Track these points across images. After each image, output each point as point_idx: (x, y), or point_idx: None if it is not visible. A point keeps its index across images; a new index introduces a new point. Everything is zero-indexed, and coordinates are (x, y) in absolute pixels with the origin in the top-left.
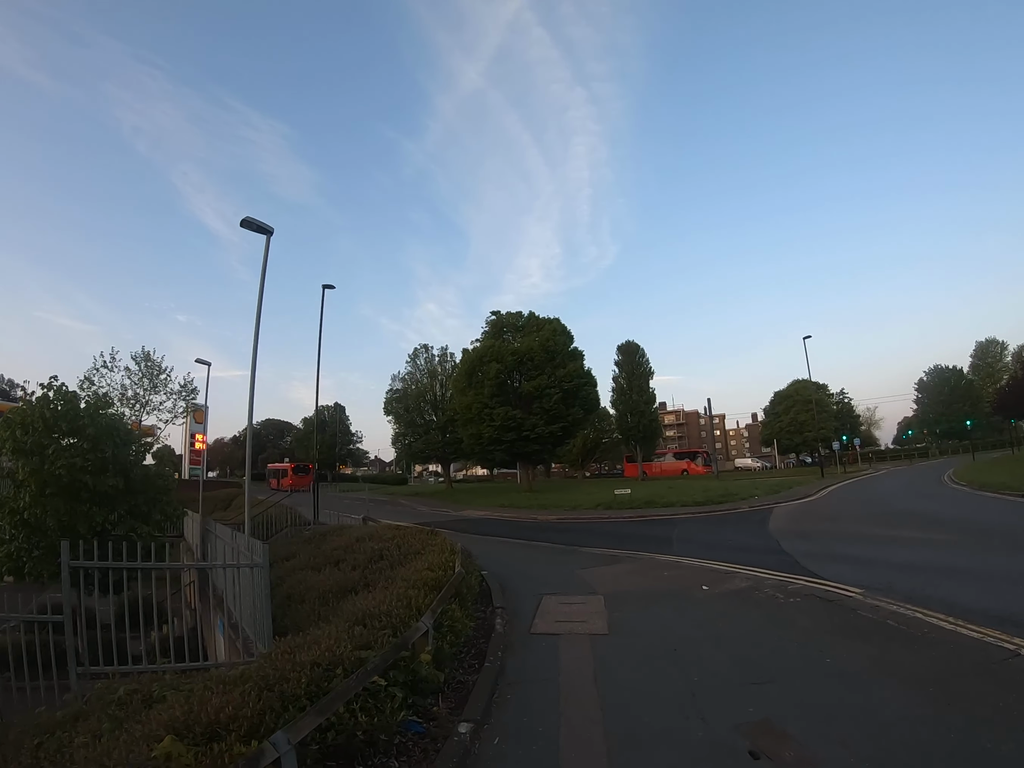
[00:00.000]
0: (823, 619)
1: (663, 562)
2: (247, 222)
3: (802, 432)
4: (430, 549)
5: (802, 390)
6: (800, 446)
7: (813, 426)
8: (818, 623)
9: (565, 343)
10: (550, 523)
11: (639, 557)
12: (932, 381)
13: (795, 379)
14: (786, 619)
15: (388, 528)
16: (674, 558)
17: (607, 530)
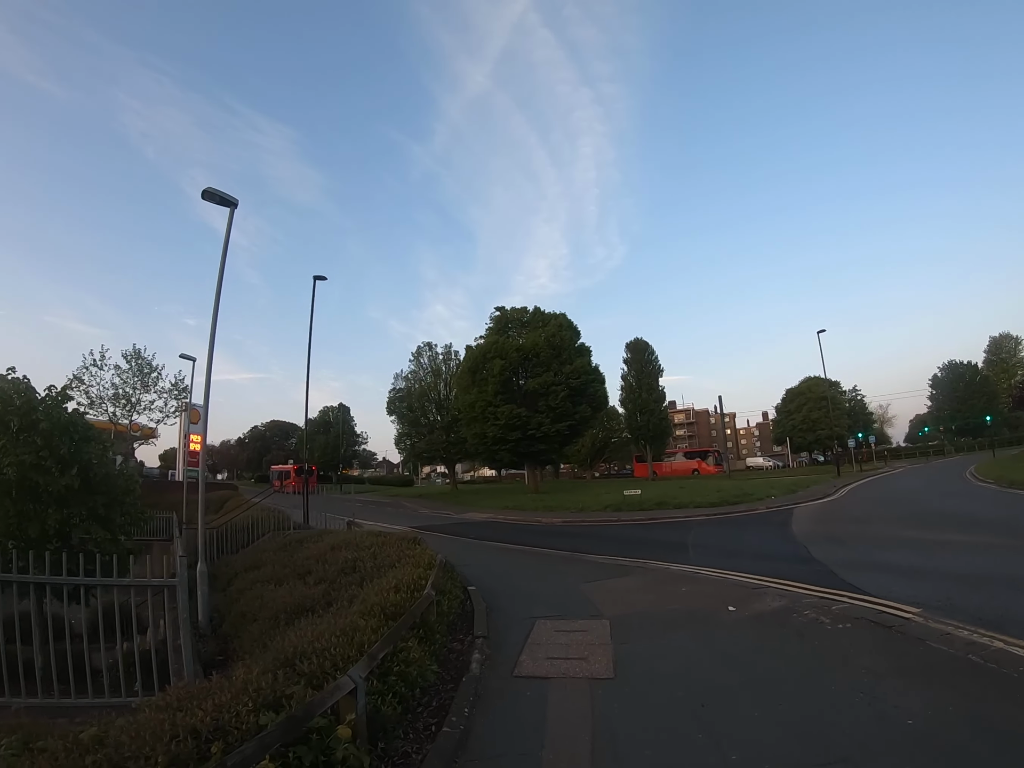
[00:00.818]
0: (886, 654)
1: (679, 574)
2: (209, 194)
3: (815, 430)
4: (406, 561)
5: (815, 387)
6: (813, 444)
7: (826, 424)
8: (881, 660)
9: (571, 338)
10: (555, 527)
11: (651, 567)
12: (947, 377)
13: (807, 376)
14: (839, 655)
15: (369, 535)
16: (691, 569)
17: (616, 535)
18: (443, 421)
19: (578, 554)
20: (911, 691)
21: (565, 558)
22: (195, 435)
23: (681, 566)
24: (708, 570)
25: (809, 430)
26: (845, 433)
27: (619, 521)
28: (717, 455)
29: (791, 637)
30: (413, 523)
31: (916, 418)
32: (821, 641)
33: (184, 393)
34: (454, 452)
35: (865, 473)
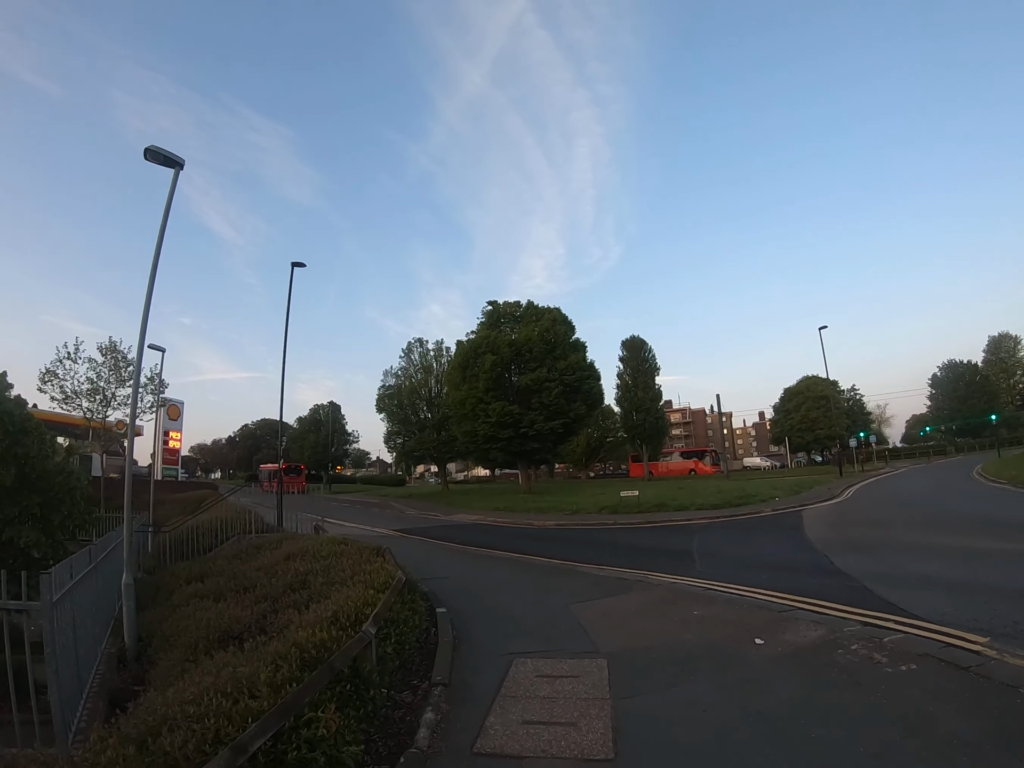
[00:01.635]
0: (978, 713)
1: (688, 591)
2: (152, 153)
3: (814, 430)
4: (359, 579)
5: (813, 386)
6: (811, 444)
7: (825, 423)
8: (976, 723)
9: (566, 333)
10: (547, 530)
11: (654, 582)
12: (946, 376)
13: (805, 375)
14: (917, 715)
15: (330, 543)
16: (701, 584)
17: (613, 540)
18: (434, 419)
19: (571, 564)
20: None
21: (556, 569)
22: (174, 431)
23: (689, 580)
24: (721, 586)
25: (808, 430)
26: (844, 433)
27: (616, 525)
28: (714, 455)
29: (845, 686)
30: (396, 525)
31: (913, 418)
32: (886, 692)
33: (160, 388)
34: (445, 451)
35: (868, 473)
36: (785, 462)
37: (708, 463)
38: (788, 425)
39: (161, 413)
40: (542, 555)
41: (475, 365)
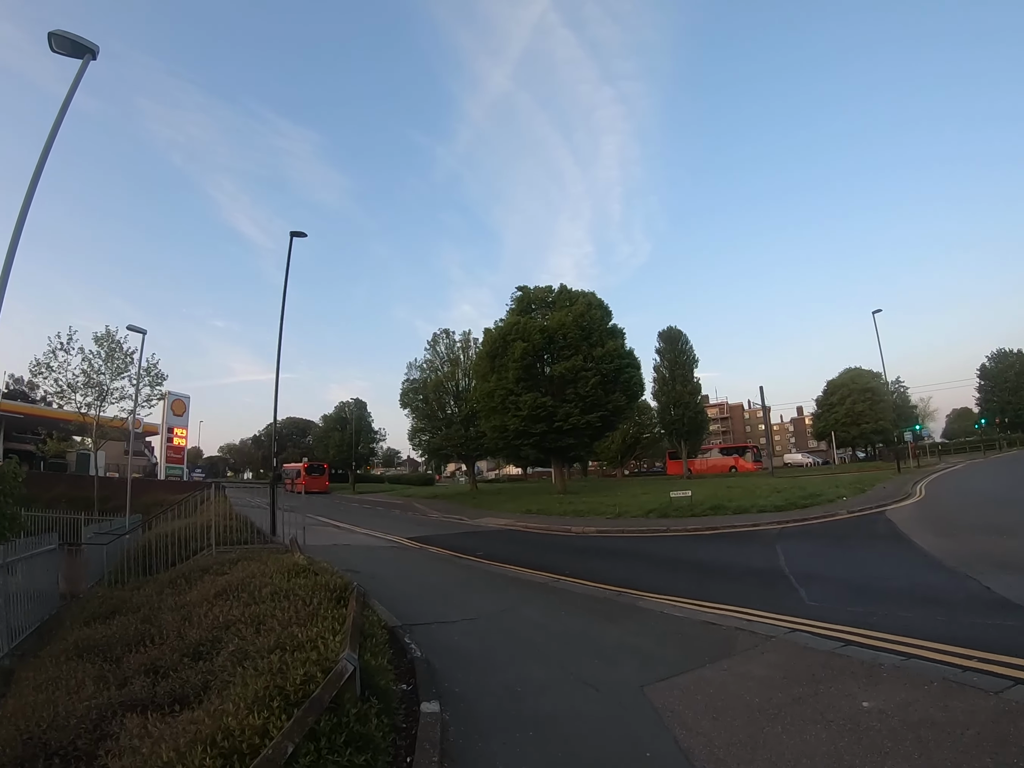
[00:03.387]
0: None
1: (823, 651)
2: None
3: (859, 424)
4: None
5: (858, 378)
6: (857, 439)
7: (871, 417)
8: None
9: (602, 318)
10: (588, 540)
11: (761, 629)
12: (995, 367)
13: (847, 367)
14: None
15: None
16: (827, 630)
17: (673, 554)
18: (461, 414)
19: (627, 593)
20: None
21: (609, 603)
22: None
23: (806, 625)
24: (861, 636)
25: (853, 424)
26: (891, 427)
27: (669, 531)
28: (755, 451)
29: None
30: (412, 532)
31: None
32: None
33: (159, 379)
34: (472, 448)
35: (925, 469)
36: (828, 458)
37: (749, 460)
38: (832, 419)
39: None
40: (586, 577)
41: (504, 354)
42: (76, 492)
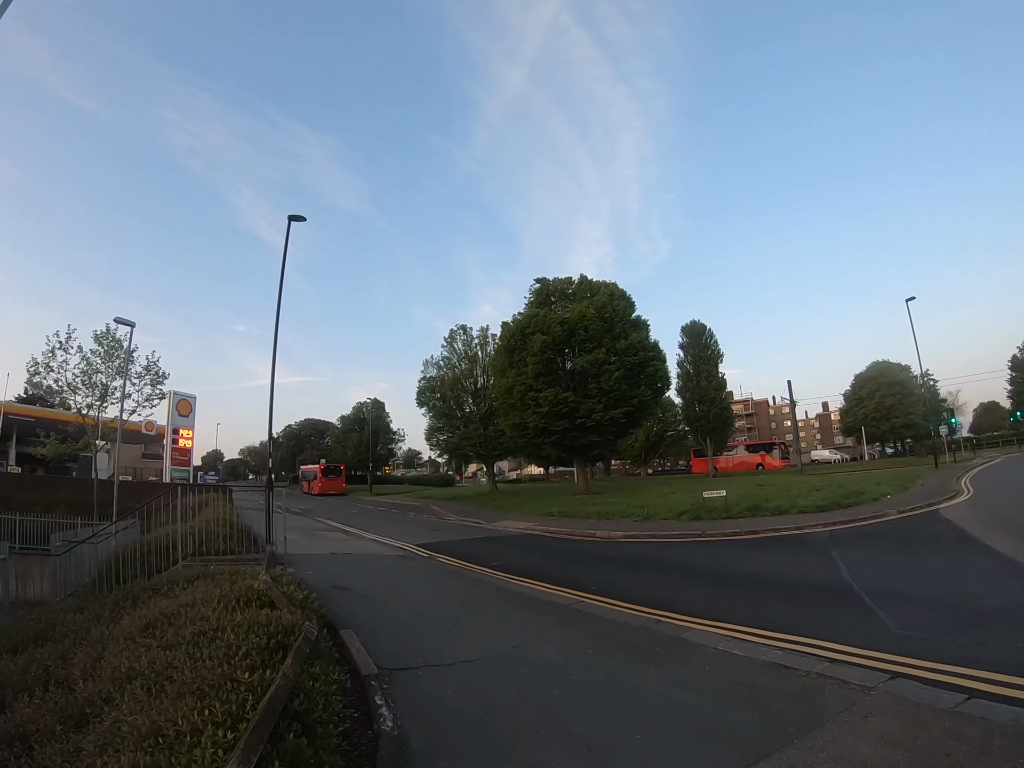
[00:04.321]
0: None
1: (951, 717)
2: None
3: (889, 418)
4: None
5: (887, 371)
6: (887, 434)
7: (901, 411)
8: None
9: (625, 309)
10: (616, 546)
11: (850, 677)
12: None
13: (876, 360)
14: None
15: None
16: (949, 678)
17: (715, 564)
18: (479, 412)
19: (667, 619)
20: None
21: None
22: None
23: (907, 665)
24: (982, 679)
25: (883, 419)
26: (921, 421)
27: (705, 536)
28: (783, 448)
29: None
30: (423, 538)
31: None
32: None
33: (160, 378)
34: (492, 447)
35: (962, 464)
36: (855, 454)
37: (776, 457)
38: (861, 414)
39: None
40: (615, 595)
41: (523, 348)
42: (78, 496)
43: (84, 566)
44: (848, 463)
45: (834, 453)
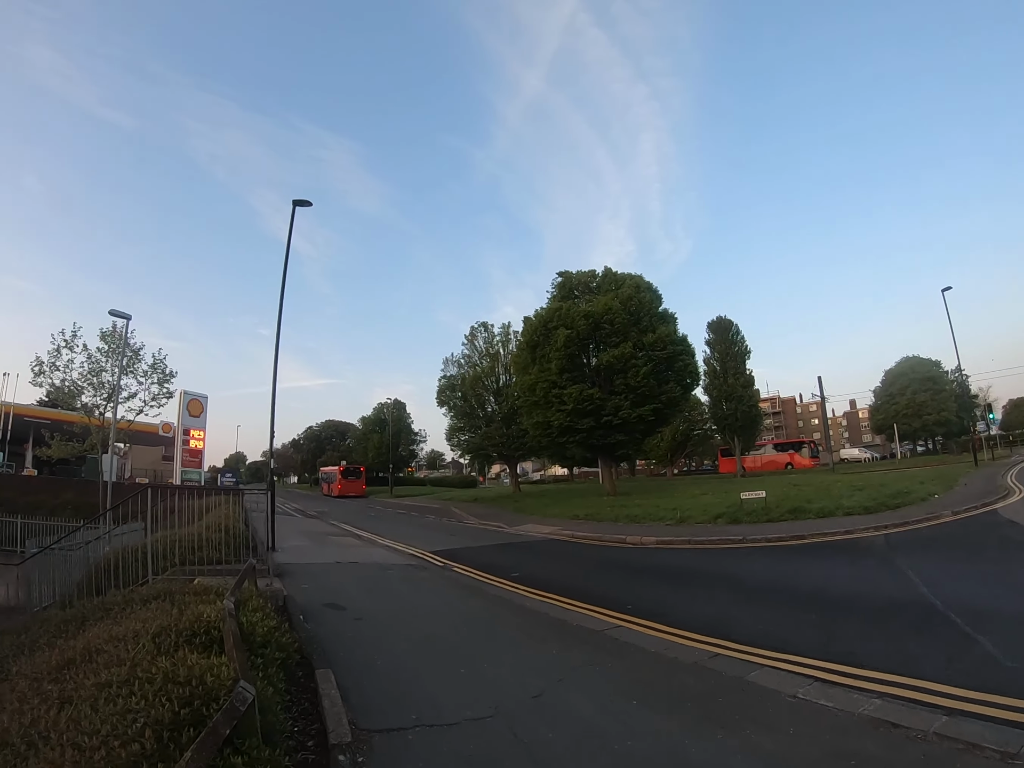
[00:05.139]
0: None
1: None
2: None
3: (921, 415)
4: None
5: (918, 367)
6: (919, 432)
7: (933, 408)
8: None
9: (652, 302)
10: (649, 553)
11: (973, 727)
12: None
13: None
14: None
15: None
16: None
17: (765, 576)
18: (501, 412)
19: (723, 651)
20: None
21: (702, 680)
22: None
23: None
24: None
25: (915, 415)
26: (953, 418)
27: (746, 541)
28: (812, 446)
29: None
30: (439, 544)
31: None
32: None
33: (169, 377)
34: (515, 447)
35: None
36: (884, 452)
37: (806, 455)
38: (892, 411)
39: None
40: (656, 616)
41: (546, 343)
42: (84, 498)
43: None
44: (879, 462)
45: (864, 452)
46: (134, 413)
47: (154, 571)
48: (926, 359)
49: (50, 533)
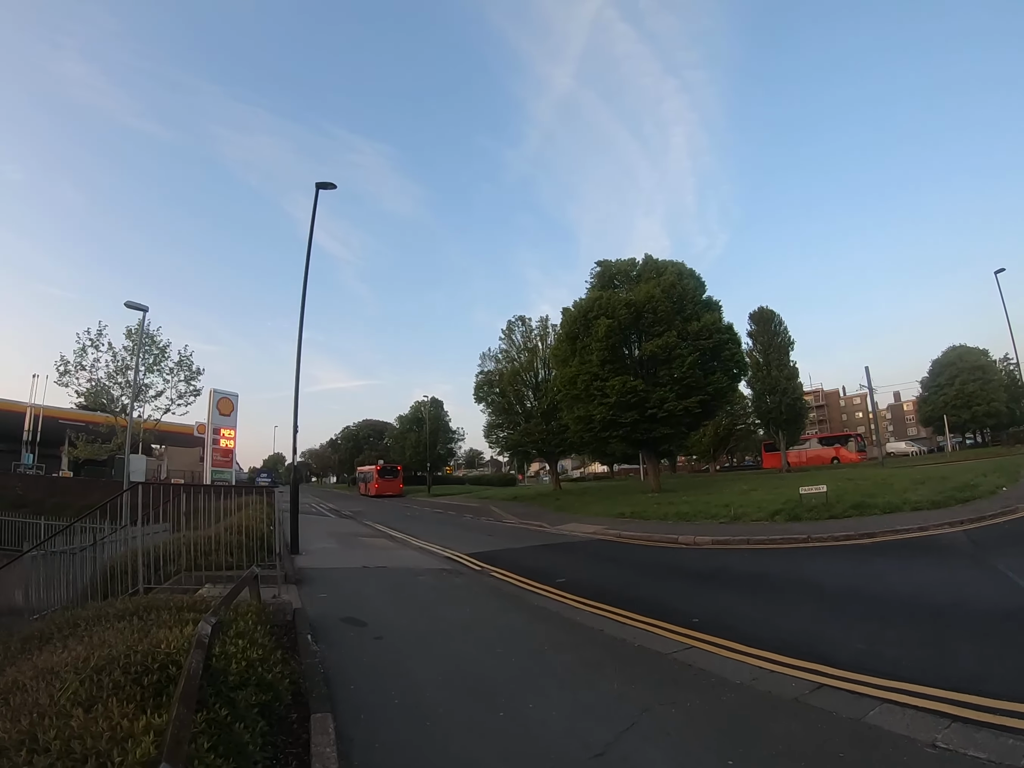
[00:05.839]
0: None
1: None
2: None
3: (971, 406)
4: None
5: (966, 356)
6: (968, 423)
7: (983, 398)
8: None
9: (696, 289)
10: (706, 555)
11: None
12: None
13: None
14: None
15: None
16: None
17: (846, 580)
18: (541, 407)
19: (831, 679)
20: None
21: (820, 727)
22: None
23: None
24: None
25: (964, 406)
26: (1004, 409)
27: (812, 541)
28: (859, 440)
29: None
30: (476, 545)
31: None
32: None
33: (196, 375)
34: (555, 444)
35: None
36: (932, 446)
37: (852, 449)
38: (940, 402)
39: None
40: (738, 637)
41: (586, 334)
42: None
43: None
44: (927, 455)
45: (910, 445)
46: (161, 412)
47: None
48: (973, 348)
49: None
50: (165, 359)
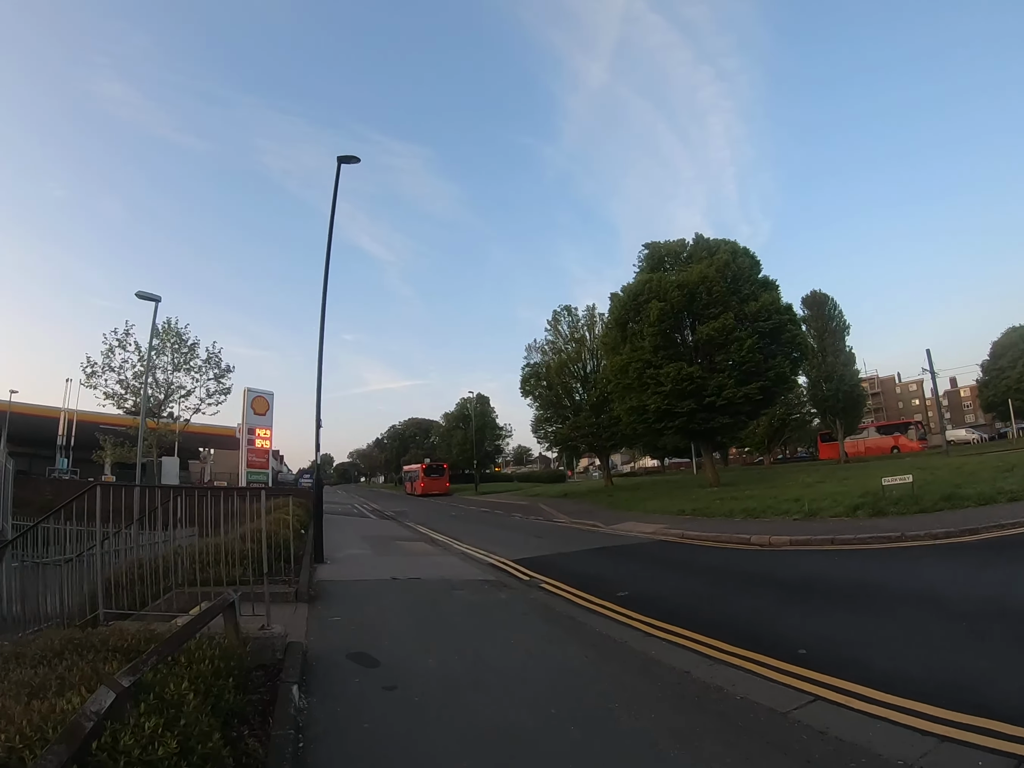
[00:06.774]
0: None
1: None
2: None
3: None
4: None
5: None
6: None
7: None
8: None
9: (751, 268)
10: (786, 558)
11: None
12: None
13: (1012, 326)
14: None
15: None
16: None
17: (974, 590)
18: (590, 400)
19: None
20: None
21: None
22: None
23: None
24: None
25: None
26: None
27: (905, 539)
28: (919, 428)
29: None
30: (526, 549)
31: None
32: None
33: (226, 372)
34: (605, 437)
35: None
36: (993, 433)
37: (913, 438)
38: (1003, 386)
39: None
40: (866, 679)
41: (637, 319)
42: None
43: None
44: (990, 443)
45: (971, 432)
46: (191, 412)
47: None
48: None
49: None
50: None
